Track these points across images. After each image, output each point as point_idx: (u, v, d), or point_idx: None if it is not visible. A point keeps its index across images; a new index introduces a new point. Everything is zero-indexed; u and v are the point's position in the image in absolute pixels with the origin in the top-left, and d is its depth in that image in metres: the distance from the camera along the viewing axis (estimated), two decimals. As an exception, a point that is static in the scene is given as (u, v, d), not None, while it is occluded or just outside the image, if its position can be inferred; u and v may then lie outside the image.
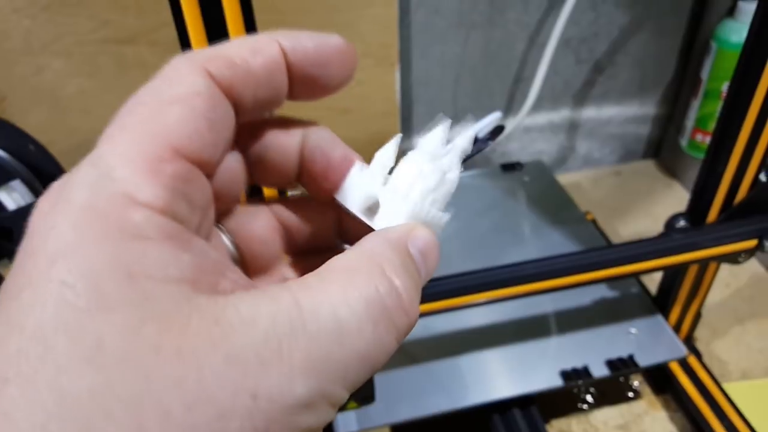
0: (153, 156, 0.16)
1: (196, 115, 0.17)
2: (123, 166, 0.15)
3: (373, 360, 0.16)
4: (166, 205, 0.15)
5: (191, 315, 0.14)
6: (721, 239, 0.53)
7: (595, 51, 0.87)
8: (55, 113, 0.67)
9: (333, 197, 0.21)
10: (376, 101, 0.77)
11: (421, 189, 0.20)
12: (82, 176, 0.15)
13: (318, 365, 0.15)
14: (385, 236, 0.18)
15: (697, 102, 0.83)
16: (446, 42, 0.81)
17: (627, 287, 0.67)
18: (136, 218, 0.15)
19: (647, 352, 0.60)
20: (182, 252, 0.15)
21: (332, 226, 0.23)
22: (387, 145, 0.21)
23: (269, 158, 0.21)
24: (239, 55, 0.18)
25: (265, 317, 0.15)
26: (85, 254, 0.14)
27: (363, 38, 0.72)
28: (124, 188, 0.15)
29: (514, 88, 0.88)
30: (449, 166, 0.21)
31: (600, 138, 0.98)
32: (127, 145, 0.16)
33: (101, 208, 0.15)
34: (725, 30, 0.77)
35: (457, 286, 0.50)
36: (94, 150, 0.16)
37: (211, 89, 0.17)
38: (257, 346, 0.14)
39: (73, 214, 0.15)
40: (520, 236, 0.75)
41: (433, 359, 0.60)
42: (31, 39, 0.63)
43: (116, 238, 0.14)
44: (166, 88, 0.17)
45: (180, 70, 0.17)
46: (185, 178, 0.16)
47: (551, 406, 0.63)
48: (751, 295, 0.76)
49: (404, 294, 0.17)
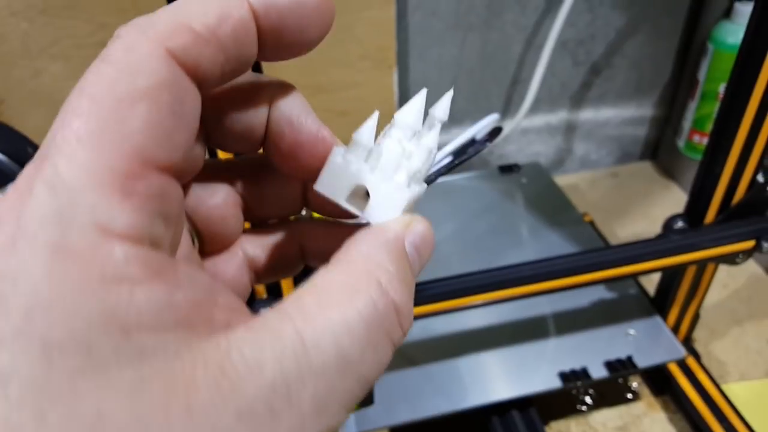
0: (121, 173, 0.13)
1: (163, 114, 0.14)
2: (89, 188, 0.13)
3: (373, 379, 0.16)
4: (143, 232, 0.14)
5: (195, 366, 0.13)
6: (719, 240, 0.53)
7: (592, 53, 0.88)
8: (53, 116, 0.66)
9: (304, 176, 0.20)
10: (374, 103, 0.77)
11: (408, 171, 0.19)
12: (41, 204, 0.13)
13: (325, 401, 0.14)
14: (381, 236, 0.17)
15: (694, 103, 0.83)
16: (443, 44, 0.81)
17: (625, 288, 0.67)
18: (116, 256, 0.13)
19: (646, 353, 0.60)
20: (173, 290, 0.14)
21: (296, 197, 0.22)
22: (364, 125, 0.19)
23: (232, 127, 0.19)
24: (204, 24, 0.15)
25: (271, 361, 0.14)
26: (66, 307, 0.12)
27: (360, 41, 0.72)
28: (95, 218, 0.13)
29: (512, 90, 0.88)
30: (433, 143, 0.19)
31: (597, 140, 0.98)
32: (88, 160, 0.13)
33: (74, 248, 0.13)
34: (722, 31, 0.77)
35: (455, 288, 0.50)
36: (42, 161, 0.13)
37: (177, 76, 0.15)
38: (267, 395, 0.13)
39: (41, 256, 0.12)
40: (518, 238, 0.75)
41: (432, 361, 0.60)
42: (29, 42, 0.63)
43: (99, 285, 0.13)
44: (123, 80, 0.14)
45: (137, 53, 0.14)
46: (160, 194, 0.15)
47: (550, 408, 0.63)
48: (750, 296, 0.76)
49: (402, 308, 0.16)
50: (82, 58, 0.64)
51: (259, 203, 0.21)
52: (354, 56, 0.73)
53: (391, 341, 0.16)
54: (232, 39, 0.16)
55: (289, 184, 0.21)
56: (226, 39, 0.15)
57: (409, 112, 0.19)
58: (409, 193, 0.18)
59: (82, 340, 0.12)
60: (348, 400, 0.15)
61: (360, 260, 0.17)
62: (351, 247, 0.17)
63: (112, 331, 0.12)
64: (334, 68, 0.74)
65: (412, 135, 0.19)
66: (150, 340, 0.13)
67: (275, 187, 0.21)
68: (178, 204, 0.16)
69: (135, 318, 0.13)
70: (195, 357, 0.13)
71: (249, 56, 0.16)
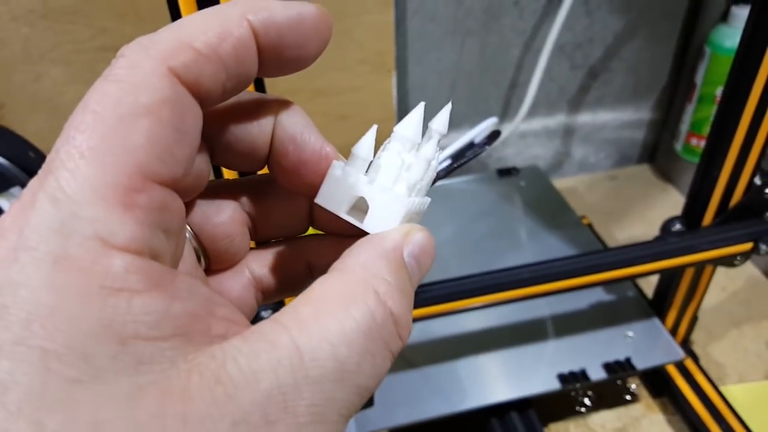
0: (123, 186, 0.14)
1: (165, 130, 0.15)
2: (91, 201, 0.13)
3: (371, 388, 0.16)
4: (144, 244, 0.14)
5: (191, 376, 0.13)
6: (716, 242, 0.53)
7: (589, 57, 0.88)
8: (54, 121, 0.67)
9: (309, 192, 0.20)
10: (372, 108, 0.77)
11: (407, 182, 0.19)
12: (44, 216, 0.13)
13: (321, 410, 0.14)
14: (379, 246, 0.17)
15: (692, 107, 0.84)
16: (442, 48, 0.81)
17: (623, 291, 0.68)
18: (115, 267, 0.13)
19: (644, 355, 0.60)
20: (171, 301, 0.14)
21: (302, 214, 0.22)
22: (364, 138, 0.19)
23: (236, 146, 0.19)
24: (205, 42, 0.15)
25: (266, 370, 0.14)
26: (64, 316, 0.12)
27: (359, 45, 0.73)
28: (96, 230, 0.13)
29: (510, 93, 0.89)
30: (431, 154, 0.20)
31: (595, 143, 0.98)
32: (90, 174, 0.13)
33: (74, 259, 0.13)
34: (719, 35, 0.77)
35: (454, 291, 0.50)
36: (46, 174, 0.14)
37: (179, 94, 0.15)
38: (262, 405, 0.13)
39: (42, 266, 0.13)
40: (517, 240, 0.75)
41: (431, 363, 0.60)
42: (30, 47, 0.63)
43: (98, 295, 0.13)
44: (126, 97, 0.14)
45: (139, 70, 0.15)
46: (160, 207, 0.15)
47: (549, 410, 0.63)
48: (747, 299, 0.77)
49: (399, 318, 0.16)
50: (82, 62, 0.64)
51: (265, 222, 0.21)
52: (353, 60, 0.73)
53: (390, 351, 0.16)
54: (232, 56, 0.16)
55: (295, 203, 0.22)
56: (227, 57, 0.16)
57: (408, 125, 0.19)
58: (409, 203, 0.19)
59: (79, 348, 0.12)
60: (346, 409, 0.15)
61: (357, 270, 0.17)
62: (348, 257, 0.17)
63: (109, 339, 0.13)
64: (332, 72, 0.74)
65: (411, 147, 0.19)
66: (147, 349, 0.13)
67: (281, 206, 0.21)
68: (180, 218, 0.16)
69: (132, 327, 0.13)
70: (191, 366, 0.13)
71: (249, 73, 0.17)
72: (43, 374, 0.12)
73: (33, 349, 0.12)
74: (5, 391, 0.12)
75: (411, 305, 0.17)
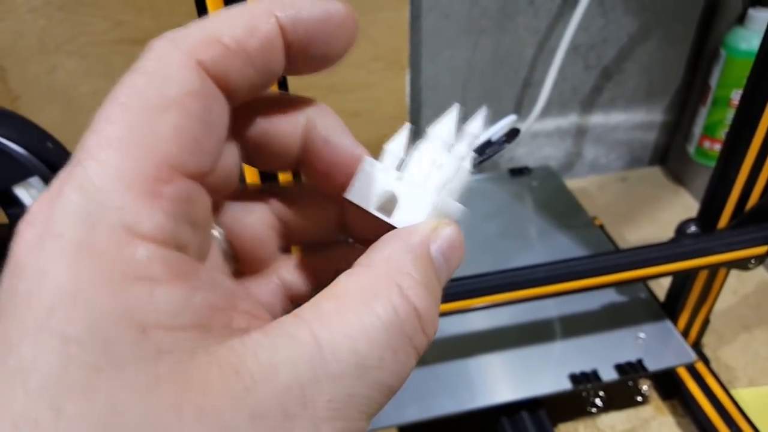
0: (150, 177, 0.14)
1: (192, 121, 0.15)
2: (117, 191, 0.13)
3: (395, 386, 0.15)
4: (169, 234, 0.14)
5: (210, 368, 0.13)
6: (732, 245, 0.53)
7: (603, 57, 0.88)
8: (68, 113, 0.67)
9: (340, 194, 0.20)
10: (386, 104, 0.77)
11: (438, 180, 0.19)
12: (71, 204, 0.13)
13: (341, 406, 0.14)
14: (405, 240, 0.17)
15: (706, 109, 0.83)
16: (456, 47, 0.81)
17: (635, 292, 0.67)
18: (139, 255, 0.13)
19: (656, 356, 0.60)
20: (193, 292, 0.14)
21: (333, 220, 0.22)
22: (397, 136, 0.19)
23: (268, 144, 0.19)
24: (233, 37, 0.15)
25: (286, 363, 0.14)
26: (87, 303, 0.12)
27: (374, 42, 0.72)
28: (121, 219, 0.13)
29: (523, 93, 0.88)
30: (464, 153, 0.20)
31: (607, 144, 0.98)
32: (117, 164, 0.14)
33: (99, 246, 0.13)
34: (735, 38, 0.77)
35: (465, 289, 0.50)
36: (74, 165, 0.14)
37: (206, 86, 0.15)
38: (281, 398, 0.13)
39: (67, 253, 0.13)
40: (528, 240, 0.75)
41: (441, 361, 0.60)
42: (46, 38, 0.63)
43: (120, 283, 0.13)
44: (154, 89, 0.14)
45: (168, 63, 0.15)
46: (187, 198, 0.15)
47: (559, 410, 0.63)
48: (758, 303, 0.76)
49: (424, 314, 0.16)
50: (98, 55, 0.64)
51: (295, 228, 0.21)
52: (367, 57, 0.73)
53: (413, 347, 0.16)
54: (259, 52, 0.16)
55: (325, 210, 0.21)
56: (254, 52, 0.16)
57: (441, 126, 0.20)
58: (437, 200, 0.19)
59: (100, 336, 0.12)
60: (367, 407, 0.15)
61: (381, 265, 0.16)
62: (374, 251, 0.17)
63: (130, 328, 0.13)
64: (346, 69, 0.74)
65: (443, 148, 0.20)
66: (167, 339, 0.13)
67: (312, 213, 0.21)
68: (206, 211, 0.16)
69: (153, 316, 0.13)
70: (210, 358, 0.13)
71: (276, 69, 0.17)
72: (64, 360, 0.12)
73: (54, 335, 0.12)
74: (27, 378, 0.12)
75: (437, 301, 0.17)
